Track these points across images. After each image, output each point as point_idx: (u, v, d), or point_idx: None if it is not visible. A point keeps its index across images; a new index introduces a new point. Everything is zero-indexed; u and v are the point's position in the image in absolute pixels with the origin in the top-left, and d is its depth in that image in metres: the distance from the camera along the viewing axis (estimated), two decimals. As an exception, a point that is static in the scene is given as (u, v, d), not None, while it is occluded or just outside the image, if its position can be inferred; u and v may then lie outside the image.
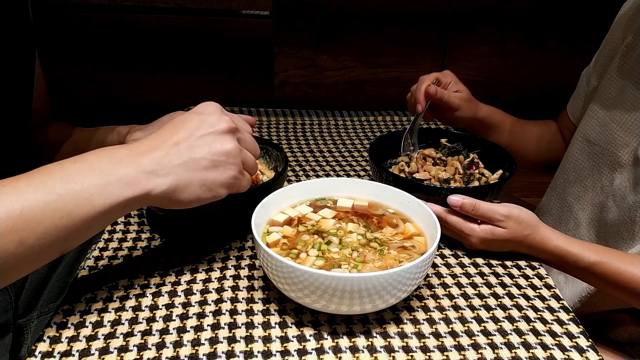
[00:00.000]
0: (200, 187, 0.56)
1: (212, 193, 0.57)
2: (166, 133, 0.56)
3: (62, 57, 1.29)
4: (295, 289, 0.55)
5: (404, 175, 0.79)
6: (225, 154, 0.57)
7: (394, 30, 1.34)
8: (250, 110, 1.21)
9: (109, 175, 0.51)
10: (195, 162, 0.55)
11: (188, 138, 0.55)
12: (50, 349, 0.54)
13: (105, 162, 0.52)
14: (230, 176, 0.58)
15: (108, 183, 0.51)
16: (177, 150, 0.55)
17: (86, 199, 0.50)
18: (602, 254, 0.69)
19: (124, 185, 0.52)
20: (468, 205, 0.68)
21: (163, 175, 0.54)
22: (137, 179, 0.52)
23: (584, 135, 0.91)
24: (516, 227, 0.68)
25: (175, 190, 0.55)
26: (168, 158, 0.54)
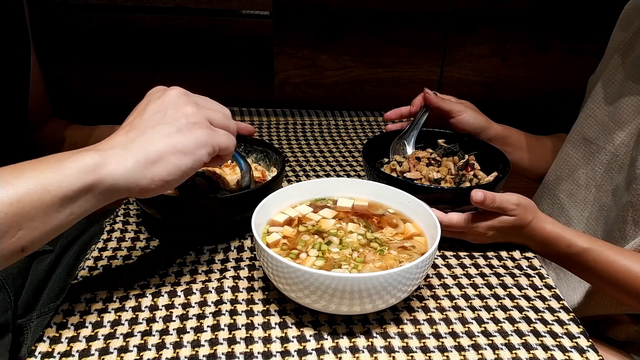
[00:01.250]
0: (173, 155, 0.53)
1: (192, 157, 0.54)
2: (123, 123, 0.55)
3: (62, 57, 1.29)
4: (295, 289, 0.55)
5: (395, 175, 0.80)
6: (183, 115, 0.54)
7: (394, 30, 1.33)
8: (250, 110, 1.21)
9: (64, 160, 0.48)
10: (154, 132, 0.52)
11: (142, 114, 0.54)
12: (50, 349, 0.53)
13: (64, 154, 0.50)
14: (200, 134, 0.54)
15: (62, 168, 0.48)
16: (133, 127, 0.53)
17: (38, 184, 0.46)
18: (593, 241, 0.71)
19: (82, 169, 0.48)
20: (489, 199, 0.68)
21: (124, 148, 0.51)
22: (97, 160, 0.49)
23: (580, 133, 0.91)
24: (523, 214, 0.70)
25: (146, 166, 0.51)
26: (127, 135, 0.52)
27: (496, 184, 0.74)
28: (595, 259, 0.70)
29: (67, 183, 0.47)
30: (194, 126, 0.54)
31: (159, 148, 0.52)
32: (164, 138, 0.53)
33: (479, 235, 0.70)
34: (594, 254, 0.70)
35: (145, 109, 0.55)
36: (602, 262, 0.70)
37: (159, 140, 0.52)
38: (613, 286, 0.71)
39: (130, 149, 0.51)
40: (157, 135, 0.52)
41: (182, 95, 0.56)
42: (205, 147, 0.55)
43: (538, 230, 0.71)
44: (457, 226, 0.70)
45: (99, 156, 0.50)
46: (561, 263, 0.74)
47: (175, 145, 0.53)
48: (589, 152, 0.90)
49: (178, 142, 0.53)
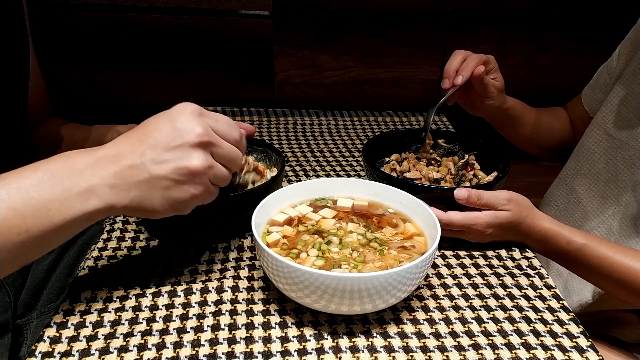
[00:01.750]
0: (162, 204, 0.54)
1: (176, 211, 0.55)
2: (134, 139, 0.53)
3: (62, 57, 1.29)
4: (295, 289, 0.55)
5: (395, 175, 0.80)
6: (191, 173, 0.53)
7: (394, 30, 1.33)
8: (250, 110, 1.21)
9: (70, 189, 0.49)
10: (157, 181, 0.53)
11: (155, 149, 0.52)
12: (50, 349, 0.53)
13: (68, 173, 0.50)
14: (193, 195, 0.55)
15: (68, 197, 0.49)
16: (142, 163, 0.52)
17: (44, 214, 0.48)
18: (592, 238, 0.72)
19: (84, 199, 0.50)
20: (474, 196, 0.69)
21: (125, 190, 0.52)
22: (99, 192, 0.51)
23: (603, 129, 0.91)
24: (517, 209, 0.70)
25: (138, 205, 0.53)
26: (130, 172, 0.52)
27: (496, 183, 0.75)
28: (594, 256, 0.70)
29: (71, 214, 0.50)
30: (193, 186, 0.54)
31: (154, 201, 0.53)
32: (162, 189, 0.53)
33: (478, 233, 0.70)
34: (593, 250, 0.70)
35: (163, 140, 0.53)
36: (601, 259, 0.70)
37: (157, 190, 0.53)
38: (613, 283, 0.71)
39: (130, 193, 0.52)
40: (157, 184, 0.53)
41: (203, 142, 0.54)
42: (199, 200, 0.56)
43: (535, 227, 0.71)
44: (456, 224, 0.70)
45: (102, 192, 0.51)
46: (560, 261, 0.74)
47: (168, 199, 0.54)
48: (611, 147, 0.89)
49: (171, 197, 0.54)
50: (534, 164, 1.59)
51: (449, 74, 0.84)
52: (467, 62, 0.84)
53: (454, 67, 0.84)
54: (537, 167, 1.55)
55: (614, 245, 0.71)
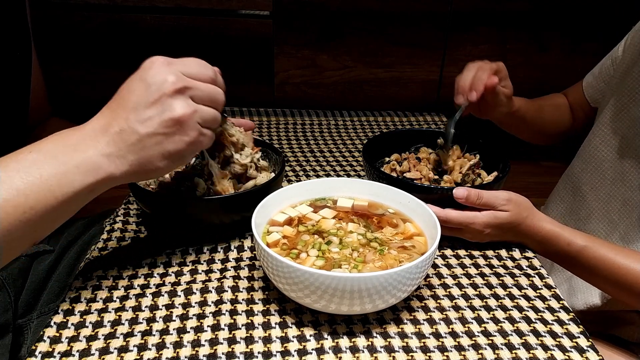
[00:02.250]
0: (161, 160, 0.55)
1: (177, 162, 0.56)
2: (116, 106, 0.54)
3: (62, 57, 1.29)
4: (295, 289, 0.55)
5: (395, 174, 0.80)
6: (178, 122, 0.54)
7: (394, 30, 1.33)
8: (250, 110, 1.21)
9: (67, 163, 0.50)
10: (148, 139, 0.53)
11: (136, 110, 0.53)
12: (51, 349, 0.53)
13: (61, 149, 0.51)
14: (187, 142, 0.55)
15: (67, 171, 0.50)
16: (129, 126, 0.53)
17: (47, 190, 0.49)
18: (592, 239, 0.71)
19: (83, 172, 0.51)
20: (473, 195, 0.69)
21: (122, 156, 0.53)
22: (97, 163, 0.52)
23: (610, 127, 0.90)
24: (517, 210, 0.70)
25: (138, 168, 0.54)
26: (121, 138, 0.53)
27: (496, 183, 0.75)
28: (595, 257, 0.70)
29: (72, 189, 0.51)
30: (185, 133, 0.55)
31: (152, 159, 0.54)
32: (156, 145, 0.54)
33: (477, 233, 0.70)
34: (594, 252, 0.70)
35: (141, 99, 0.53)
36: (601, 261, 0.70)
37: (152, 147, 0.54)
38: (614, 285, 0.70)
39: (127, 158, 0.53)
40: (150, 142, 0.53)
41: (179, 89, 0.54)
42: (190, 154, 0.57)
43: (535, 228, 0.71)
44: (453, 222, 0.70)
45: (100, 162, 0.52)
46: (561, 262, 0.74)
47: (164, 153, 0.55)
48: (618, 146, 0.89)
49: (167, 150, 0.55)
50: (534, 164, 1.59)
51: (464, 89, 0.82)
52: (480, 76, 0.82)
53: (468, 83, 0.82)
54: (537, 167, 1.55)
55: (615, 247, 0.71)
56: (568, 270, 0.76)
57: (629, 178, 0.87)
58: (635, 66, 0.87)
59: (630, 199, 0.86)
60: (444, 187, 0.73)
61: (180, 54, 0.58)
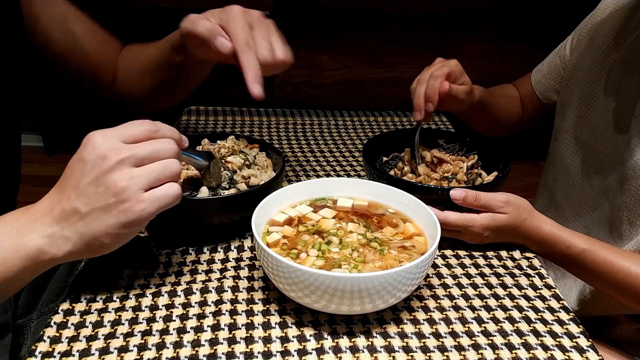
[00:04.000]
0: (105, 236, 0.53)
1: (136, 227, 0.54)
2: (59, 189, 0.54)
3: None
4: (295, 289, 0.55)
5: (393, 174, 0.80)
6: (115, 193, 0.52)
7: (394, 30, 1.34)
8: (250, 110, 1.21)
9: (8, 248, 0.51)
10: (88, 215, 0.52)
11: (76, 189, 0.52)
12: (51, 349, 0.53)
13: (6, 234, 0.52)
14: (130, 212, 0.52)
15: (8, 257, 0.51)
16: (69, 206, 0.52)
17: None
18: (592, 242, 0.71)
19: (23, 256, 0.52)
20: (470, 197, 0.68)
21: (64, 237, 0.53)
22: (38, 246, 0.52)
23: (573, 135, 0.91)
24: (515, 212, 0.69)
25: (83, 246, 0.53)
26: (63, 217, 0.53)
27: (496, 183, 0.74)
28: (594, 260, 0.70)
29: (14, 270, 0.52)
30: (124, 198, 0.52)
31: (96, 236, 0.53)
32: (96, 221, 0.52)
33: (475, 235, 0.70)
34: (593, 255, 0.70)
35: (79, 181, 0.52)
36: (601, 263, 0.69)
37: (92, 225, 0.53)
38: (613, 287, 0.70)
39: (70, 238, 0.53)
40: (90, 220, 0.52)
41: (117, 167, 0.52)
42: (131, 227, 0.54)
43: (535, 230, 0.71)
44: (452, 224, 0.70)
45: (42, 241, 0.52)
46: (560, 264, 0.74)
47: (107, 230, 0.53)
48: (581, 152, 0.90)
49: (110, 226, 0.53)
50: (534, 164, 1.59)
51: (419, 106, 0.81)
52: (432, 85, 0.80)
53: (422, 98, 0.81)
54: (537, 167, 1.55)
55: (615, 250, 0.71)
56: (569, 272, 0.76)
57: (594, 183, 0.87)
58: (585, 71, 0.88)
59: (598, 204, 0.86)
60: (443, 187, 0.73)
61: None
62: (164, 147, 0.55)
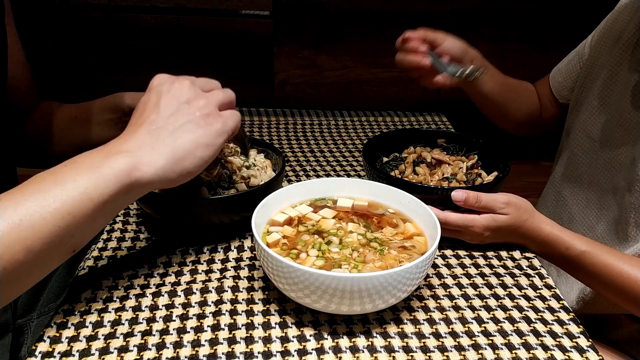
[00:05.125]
0: (197, 148, 0.56)
1: (213, 147, 0.58)
2: (137, 118, 0.57)
3: (62, 57, 1.29)
4: (295, 289, 0.55)
5: (393, 175, 0.80)
6: (197, 108, 0.57)
7: (394, 30, 1.33)
8: (250, 110, 1.21)
9: (100, 166, 0.51)
10: (176, 129, 0.55)
11: (157, 109, 0.56)
12: (51, 349, 0.53)
13: (95, 157, 0.52)
14: (216, 124, 0.58)
15: (101, 175, 0.51)
16: (153, 123, 0.55)
17: (82, 194, 0.50)
18: (592, 244, 0.71)
19: (118, 172, 0.51)
20: (472, 198, 0.68)
21: (154, 153, 0.54)
22: (129, 163, 0.52)
23: (584, 132, 0.91)
24: (516, 213, 0.69)
25: (175, 162, 0.55)
26: (150, 135, 0.55)
27: (496, 183, 0.74)
28: (593, 263, 0.69)
29: (108, 190, 0.51)
30: (209, 118, 0.58)
31: (184, 145, 0.55)
32: (186, 134, 0.56)
33: (476, 235, 0.70)
34: (593, 257, 0.69)
35: (158, 103, 0.57)
36: (600, 266, 0.69)
37: (183, 137, 0.55)
38: (612, 290, 0.70)
39: (158, 149, 0.54)
40: (180, 133, 0.55)
41: (190, 87, 0.59)
42: (222, 136, 0.59)
43: (535, 231, 0.70)
44: (453, 224, 0.70)
45: (131, 159, 0.53)
46: (560, 265, 0.74)
47: (198, 140, 0.56)
48: (591, 150, 0.89)
49: (200, 137, 0.56)
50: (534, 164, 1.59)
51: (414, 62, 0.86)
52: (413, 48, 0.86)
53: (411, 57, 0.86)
54: (537, 167, 1.55)
55: (615, 253, 0.70)
56: (568, 273, 0.76)
57: (602, 182, 0.87)
58: (603, 69, 0.88)
59: (605, 203, 0.86)
60: (444, 187, 0.73)
61: (180, 53, 0.59)
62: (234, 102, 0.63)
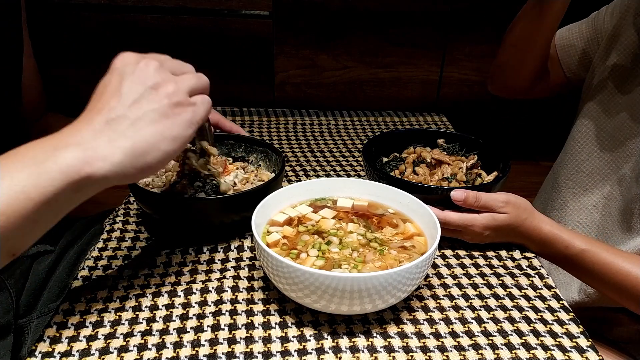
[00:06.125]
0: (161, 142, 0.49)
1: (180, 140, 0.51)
2: (95, 103, 0.50)
3: (62, 57, 1.29)
4: (295, 289, 0.55)
5: (393, 175, 0.80)
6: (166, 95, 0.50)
7: (394, 30, 1.34)
8: (250, 110, 1.22)
9: (44, 161, 0.44)
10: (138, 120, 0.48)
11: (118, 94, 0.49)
12: (51, 349, 0.53)
13: (40, 150, 0.45)
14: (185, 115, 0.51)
15: (44, 170, 0.44)
16: (112, 111, 0.48)
17: (19, 192, 0.43)
18: (591, 242, 0.71)
19: (64, 168, 0.44)
20: (471, 198, 0.69)
21: (111, 146, 0.47)
22: (81, 158, 0.45)
23: (591, 118, 0.89)
24: (515, 212, 0.69)
25: (135, 157, 0.48)
26: (108, 126, 0.47)
27: (496, 183, 0.74)
28: (593, 261, 0.70)
29: (51, 188, 0.44)
30: (178, 107, 0.51)
31: (146, 138, 0.49)
32: (150, 125, 0.49)
33: (475, 235, 0.70)
34: (592, 255, 0.70)
35: (120, 87, 0.49)
36: (600, 264, 0.69)
37: (147, 129, 0.49)
38: (612, 289, 0.70)
39: (116, 141, 0.47)
40: (143, 123, 0.49)
41: (158, 70, 0.51)
42: (191, 127, 0.53)
43: (535, 230, 0.71)
44: (453, 224, 0.70)
45: (82, 153, 0.45)
46: (559, 264, 0.74)
47: (163, 133, 0.50)
48: (597, 138, 0.88)
49: (166, 129, 0.50)
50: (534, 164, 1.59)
51: None
52: None
53: None
54: (537, 167, 1.55)
55: (614, 251, 0.70)
56: (568, 272, 0.76)
57: (606, 171, 0.86)
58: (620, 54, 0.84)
59: (609, 193, 0.86)
60: (443, 187, 0.73)
61: (180, 54, 0.59)
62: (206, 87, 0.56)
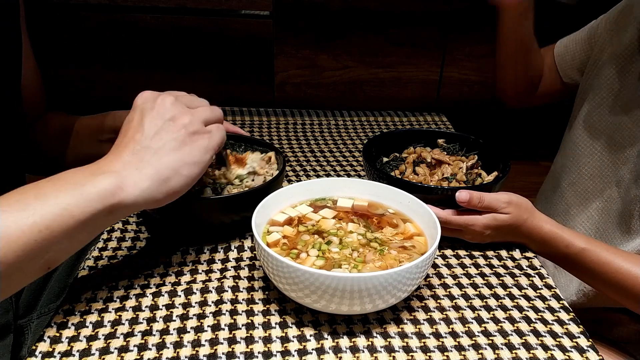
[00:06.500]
0: (183, 167, 0.56)
1: (200, 165, 0.58)
2: (122, 138, 0.57)
3: (62, 57, 1.29)
4: (295, 289, 0.55)
5: (393, 175, 0.80)
6: (182, 125, 0.57)
7: (394, 30, 1.34)
8: (250, 110, 1.21)
9: (84, 184, 0.51)
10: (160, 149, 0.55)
11: (141, 129, 0.56)
12: (51, 349, 0.53)
13: (80, 175, 0.52)
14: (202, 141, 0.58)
15: (84, 193, 0.50)
16: (137, 143, 0.55)
17: (63, 209, 0.49)
18: (592, 242, 0.71)
19: (102, 192, 0.51)
20: (475, 198, 0.69)
21: (138, 173, 0.53)
22: (115, 183, 0.52)
23: (589, 122, 0.90)
24: (517, 212, 0.70)
25: (160, 183, 0.54)
26: (134, 156, 0.54)
27: (496, 183, 0.74)
28: (593, 260, 0.70)
29: (90, 208, 0.50)
30: (195, 135, 0.58)
31: (169, 165, 0.55)
32: (171, 153, 0.56)
33: (477, 234, 0.70)
34: (592, 254, 0.70)
35: (142, 122, 0.56)
36: (600, 264, 0.69)
37: (168, 157, 0.55)
38: (612, 288, 0.70)
39: (143, 169, 0.54)
40: (163, 152, 0.55)
41: (174, 104, 0.58)
42: (208, 152, 0.59)
43: (535, 229, 0.71)
44: (453, 223, 0.70)
45: (115, 179, 0.52)
46: (560, 263, 0.74)
47: (184, 159, 0.56)
48: (596, 140, 0.88)
49: (185, 155, 0.56)
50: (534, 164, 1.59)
51: None
52: None
53: None
54: (537, 167, 1.55)
55: (614, 250, 0.71)
56: (568, 271, 0.76)
57: (606, 173, 0.87)
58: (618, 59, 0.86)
59: (608, 195, 0.86)
60: (444, 187, 0.73)
61: (180, 54, 0.59)
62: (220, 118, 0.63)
